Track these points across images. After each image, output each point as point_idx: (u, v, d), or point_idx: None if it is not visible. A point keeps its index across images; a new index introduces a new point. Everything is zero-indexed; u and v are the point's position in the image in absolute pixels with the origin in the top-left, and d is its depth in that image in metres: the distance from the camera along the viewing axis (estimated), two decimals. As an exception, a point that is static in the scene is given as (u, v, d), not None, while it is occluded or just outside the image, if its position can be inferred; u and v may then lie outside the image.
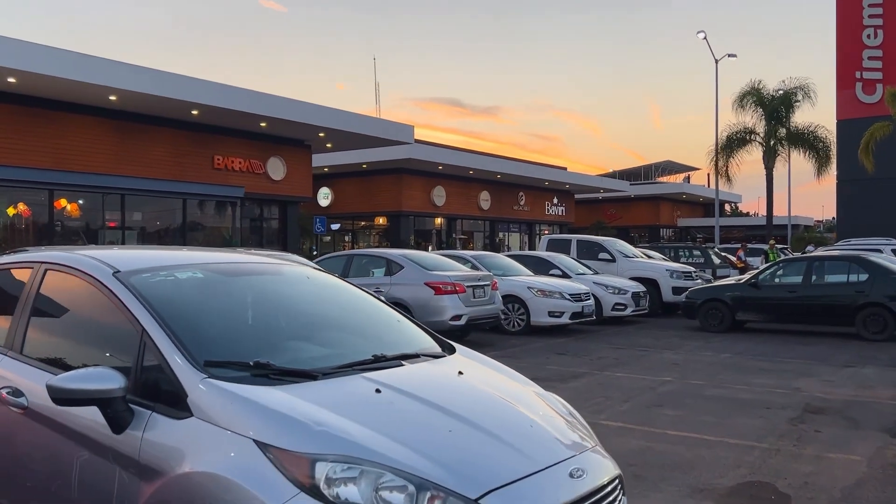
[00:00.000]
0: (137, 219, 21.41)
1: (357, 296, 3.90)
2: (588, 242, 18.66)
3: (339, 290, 3.89)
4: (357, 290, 3.97)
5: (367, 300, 3.90)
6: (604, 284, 15.40)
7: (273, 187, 24.72)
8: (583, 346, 12.05)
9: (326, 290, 3.86)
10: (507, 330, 13.48)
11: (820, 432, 6.37)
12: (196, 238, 21.97)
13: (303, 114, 22.24)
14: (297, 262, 4.06)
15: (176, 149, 21.25)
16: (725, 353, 11.16)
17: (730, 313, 14.01)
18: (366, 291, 4.01)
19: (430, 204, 36.57)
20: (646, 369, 9.68)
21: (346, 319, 3.72)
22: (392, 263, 11.79)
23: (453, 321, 11.15)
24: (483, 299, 11.78)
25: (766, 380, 8.93)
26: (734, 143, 31.01)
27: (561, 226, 46.43)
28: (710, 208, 58.09)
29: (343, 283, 3.99)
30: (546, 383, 8.75)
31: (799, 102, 30.30)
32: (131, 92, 17.96)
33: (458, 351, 3.63)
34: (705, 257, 22.00)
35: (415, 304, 11.24)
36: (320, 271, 4.04)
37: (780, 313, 13.73)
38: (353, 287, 3.99)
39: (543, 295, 13.33)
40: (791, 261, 14.68)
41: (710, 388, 8.34)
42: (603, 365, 10.05)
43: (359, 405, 2.63)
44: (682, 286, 16.83)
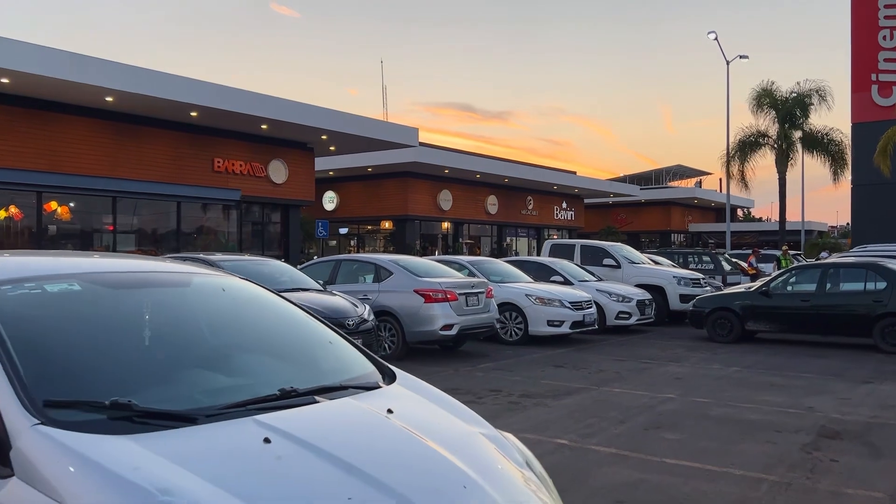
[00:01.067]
0: (132, 222, 20.95)
1: (284, 312, 3.30)
2: (592, 248, 17.99)
3: (262, 306, 3.29)
4: (286, 304, 3.37)
5: (295, 317, 3.29)
6: (607, 292, 14.74)
7: (275, 191, 24.25)
8: (582, 357, 11.40)
9: (246, 306, 3.26)
10: (504, 340, 12.84)
11: (836, 462, 5.70)
12: (191, 242, 21.47)
13: (304, 116, 21.76)
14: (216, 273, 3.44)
15: (175, 151, 20.84)
16: (733, 367, 10.48)
17: (739, 323, 13.32)
18: (300, 307, 3.40)
19: (437, 208, 36.09)
20: (647, 385, 9.02)
21: (264, 342, 3.12)
22: (380, 269, 11.19)
23: (444, 331, 10.54)
24: (477, 307, 11.15)
25: (776, 397, 8.25)
26: (747, 147, 30.23)
27: (570, 230, 45.81)
28: (722, 213, 57.18)
29: (271, 296, 3.39)
30: (537, 400, 8.15)
31: (814, 105, 29.46)
32: (128, 93, 17.59)
33: (399, 380, 3.01)
34: (715, 263, 21.27)
35: (403, 313, 10.64)
36: (247, 282, 3.43)
37: (793, 323, 13.02)
38: (282, 301, 3.38)
39: (542, 303, 12.69)
40: (804, 268, 13.96)
41: (716, 408, 7.68)
42: (601, 379, 9.40)
43: (234, 462, 2.03)
44: (690, 294, 16.14)
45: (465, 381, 9.12)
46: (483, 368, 10.13)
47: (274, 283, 9.70)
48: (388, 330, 10.80)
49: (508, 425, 6.72)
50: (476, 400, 7.95)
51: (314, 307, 8.84)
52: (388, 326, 10.77)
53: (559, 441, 6.19)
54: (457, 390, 8.50)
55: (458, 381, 9.10)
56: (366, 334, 9.16)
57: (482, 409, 7.47)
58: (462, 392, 8.38)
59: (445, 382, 9.01)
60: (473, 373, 9.78)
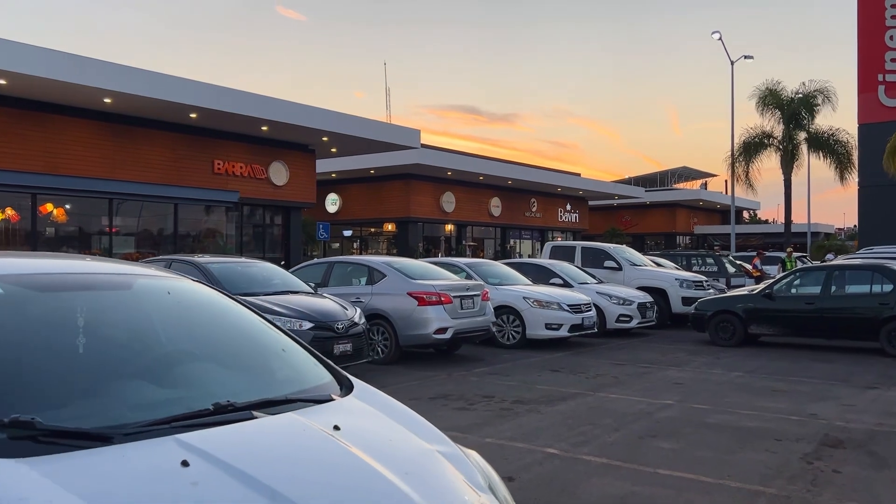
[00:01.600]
0: (130, 224, 20.79)
1: (236, 317, 3.06)
2: (593, 250, 17.72)
3: (212, 310, 3.05)
4: (240, 309, 3.12)
5: (248, 323, 3.05)
6: (607, 294, 14.47)
7: (275, 193, 24.08)
8: (580, 361, 11.14)
9: (193, 310, 3.02)
10: (501, 343, 12.59)
11: (839, 473, 5.43)
12: (188, 244, 21.29)
13: (305, 117, 21.57)
14: (165, 275, 3.19)
15: (174, 153, 20.69)
16: (735, 371, 10.20)
17: (742, 326, 13.03)
18: (254, 311, 3.17)
19: (440, 210, 35.92)
20: (645, 390, 8.75)
21: (209, 349, 2.87)
22: (373, 272, 10.95)
23: (438, 334, 10.29)
24: (472, 310, 10.90)
25: (778, 403, 7.98)
26: (752, 148, 29.92)
27: (574, 233, 45.57)
28: (728, 215, 56.66)
29: (223, 299, 3.15)
30: (530, 406, 7.89)
31: (819, 106, 29.13)
32: (126, 94, 17.44)
33: (356, 391, 2.76)
34: (719, 266, 20.95)
35: (396, 316, 10.39)
36: (198, 284, 3.20)
37: (797, 327, 12.73)
38: (236, 305, 3.14)
39: (540, 306, 12.43)
40: (808, 270, 13.67)
41: (715, 414, 7.41)
42: (598, 384, 9.14)
43: (141, 489, 1.79)
44: (693, 296, 15.85)
45: (458, 386, 8.87)
46: (477, 373, 9.88)
47: (263, 285, 9.50)
48: (381, 334, 10.56)
49: (498, 433, 6.48)
50: (467, 406, 7.70)
51: (302, 310, 8.63)
52: (382, 330, 10.53)
53: (549, 450, 5.94)
54: (448, 396, 8.26)
55: (450, 386, 8.86)
56: (356, 338, 8.93)
57: (473, 416, 7.24)
58: (453, 398, 8.14)
59: (437, 388, 8.78)
60: (467, 377, 9.54)
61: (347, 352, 8.80)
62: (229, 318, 3.04)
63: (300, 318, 8.52)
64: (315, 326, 8.54)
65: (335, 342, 8.65)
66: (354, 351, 8.90)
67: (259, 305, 8.62)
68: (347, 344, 8.79)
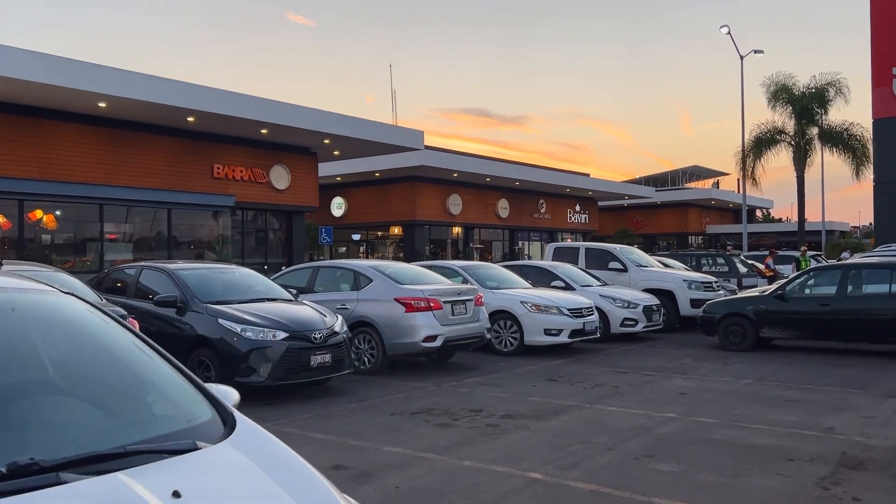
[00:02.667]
0: (126, 230, 20.34)
1: (101, 339, 2.47)
2: (597, 251, 17.04)
3: (71, 330, 2.46)
4: (111, 328, 2.52)
5: (117, 347, 2.46)
6: (611, 297, 13.81)
7: (277, 197, 23.62)
8: (580, 369, 10.49)
9: (43, 331, 2.43)
10: (498, 350, 11.96)
11: (859, 501, 4.78)
12: (184, 250, 20.80)
13: (305, 119, 21.09)
14: (23, 286, 2.59)
15: (173, 158, 20.29)
16: (745, 379, 9.53)
17: (753, 329, 12.34)
18: (131, 332, 2.57)
19: (446, 213, 35.41)
20: (646, 402, 8.10)
21: (53, 382, 2.28)
22: (360, 276, 10.35)
23: (427, 343, 9.67)
24: (464, 316, 10.28)
25: (791, 416, 7.32)
26: (763, 145, 29.12)
27: (584, 234, 44.92)
28: (741, 214, 55.79)
29: (89, 317, 2.55)
30: (519, 422, 7.25)
31: (831, 100, 28.30)
32: (121, 98, 17.03)
33: (235, 434, 2.15)
34: (730, 266, 20.21)
35: (383, 324, 9.79)
36: (67, 297, 2.60)
37: (811, 329, 12.02)
38: (106, 324, 2.54)
39: (538, 310, 11.79)
40: (823, 269, 12.95)
41: (721, 429, 6.76)
42: (597, 395, 8.50)
43: None
44: (702, 298, 15.16)
45: (445, 399, 8.26)
46: (468, 383, 9.26)
47: (239, 293, 8.93)
48: (367, 342, 9.96)
49: (479, 454, 5.87)
50: (451, 422, 7.09)
51: (277, 319, 8.07)
52: (368, 338, 9.94)
53: (533, 475, 5.32)
54: (432, 410, 7.65)
55: (436, 399, 8.25)
56: (335, 349, 8.33)
57: (454, 434, 6.62)
58: (437, 412, 7.52)
59: (423, 401, 8.17)
60: (457, 388, 8.92)
61: (326, 363, 8.21)
62: (93, 340, 2.45)
63: (274, 328, 7.94)
64: (290, 336, 7.95)
65: (312, 353, 8.06)
66: (334, 362, 8.31)
67: (230, 314, 8.06)
68: (326, 355, 8.19)
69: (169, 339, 8.40)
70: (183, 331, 8.24)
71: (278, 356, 7.82)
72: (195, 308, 8.25)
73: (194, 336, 8.11)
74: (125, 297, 9.09)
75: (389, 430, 6.78)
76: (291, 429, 6.81)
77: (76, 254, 18.77)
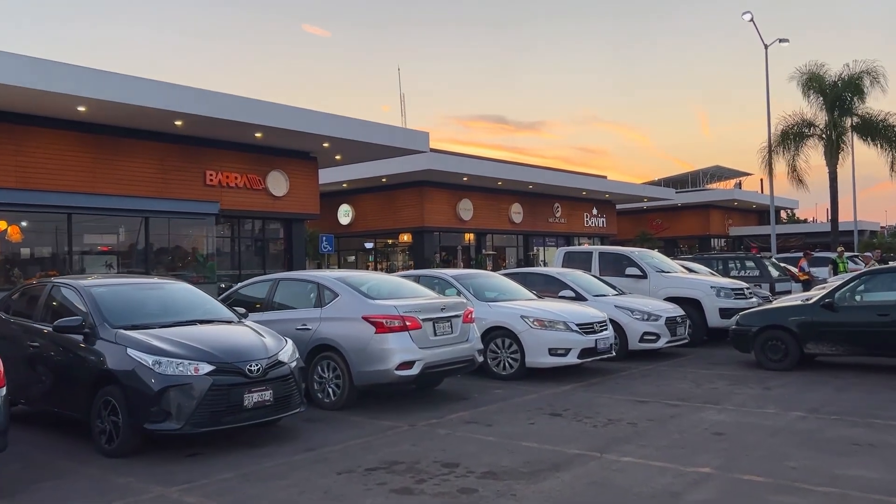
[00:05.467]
0: (103, 242, 18.89)
1: None
2: (613, 255, 15.21)
3: None
4: None
5: None
6: (629, 308, 12.01)
7: (275, 204, 22.09)
8: (591, 398, 8.70)
9: None
10: (496, 373, 10.21)
11: None
12: (163, 261, 19.26)
13: (301, 122, 19.58)
14: None
15: (162, 164, 18.85)
16: (795, 411, 7.70)
17: (796, 344, 10.49)
18: None
19: (457, 218, 33.82)
20: (673, 446, 6.32)
21: None
22: (324, 290, 8.64)
23: (401, 370, 7.93)
24: (449, 336, 8.53)
25: (869, 469, 5.51)
26: (790, 138, 27.11)
27: (602, 238, 43.10)
28: (765, 216, 53.70)
29: None
30: (505, 483, 5.18)
31: (866, 88, 26.28)
32: (101, 101, 15.61)
33: None
34: (761, 269, 18.27)
35: (349, 348, 8.07)
36: None
37: (868, 344, 10.14)
38: None
39: (542, 326, 10.03)
40: (878, 273, 11.06)
41: (774, 495, 4.97)
42: (609, 437, 6.72)
43: None
44: (733, 307, 13.31)
45: (416, 446, 6.53)
46: (451, 421, 7.52)
47: (163, 314, 7.27)
48: (332, 370, 8.25)
49: (434, 547, 4.13)
50: (413, 486, 5.36)
51: (202, 348, 6.40)
52: (333, 365, 8.22)
53: (506, 589, 3.58)
54: (395, 465, 5.92)
55: (405, 446, 6.52)
56: (279, 383, 6.64)
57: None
58: (400, 469, 5.79)
59: (387, 449, 6.45)
60: (435, 429, 7.18)
61: (266, 402, 6.51)
62: None
63: (196, 359, 6.27)
64: (216, 370, 6.28)
65: (246, 390, 6.37)
66: (277, 400, 6.61)
67: (142, 342, 6.39)
68: (265, 392, 6.50)
69: (72, 374, 6.77)
70: (88, 364, 6.58)
71: (200, 395, 6.15)
72: (104, 335, 6.59)
73: (101, 370, 6.45)
74: (31, 321, 7.48)
75: (329, 501, 5.07)
76: (196, 498, 5.12)
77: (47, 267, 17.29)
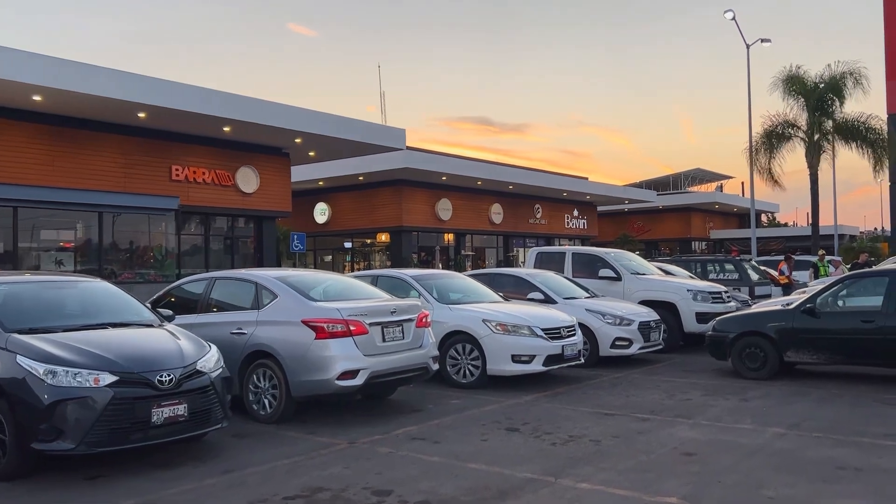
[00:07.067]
0: (66, 238, 17.98)
1: None
2: (586, 256, 14.52)
3: None
4: None
5: None
6: (600, 312, 11.34)
7: (245, 201, 21.30)
8: (553, 411, 7.99)
9: None
10: (456, 381, 9.49)
11: None
12: (118, 258, 18.38)
13: (272, 116, 18.83)
14: None
15: (125, 157, 18.05)
16: (774, 427, 7.02)
17: (775, 352, 9.85)
18: None
19: (436, 218, 33.17)
20: (637, 470, 5.62)
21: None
22: (261, 290, 7.86)
23: (343, 380, 7.17)
24: (400, 342, 7.79)
25: (852, 499, 4.84)
26: (773, 139, 26.61)
27: (583, 240, 42.59)
28: (746, 219, 53.46)
29: None
30: None
31: (848, 89, 25.83)
32: (58, 91, 14.83)
33: None
34: (740, 273, 17.71)
35: (287, 355, 7.30)
36: None
37: (851, 352, 9.50)
38: None
39: (504, 331, 9.31)
40: (861, 277, 10.45)
41: (750, 532, 4.28)
42: (568, 458, 6.01)
43: None
44: (710, 311, 12.70)
45: (349, 468, 5.78)
46: (396, 438, 6.78)
47: (68, 316, 6.47)
48: (268, 379, 7.48)
49: None
50: (333, 517, 4.62)
51: (104, 355, 5.62)
52: (270, 374, 7.46)
53: None
54: (318, 492, 5.17)
55: (336, 468, 5.77)
56: (196, 396, 5.87)
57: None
58: (322, 500, 5.04)
59: (315, 471, 5.69)
60: (375, 447, 6.44)
61: (179, 417, 5.74)
62: None
63: (97, 369, 5.49)
64: (120, 381, 5.50)
65: (155, 404, 5.60)
66: (193, 415, 5.83)
67: (35, 349, 5.59)
68: (179, 405, 5.72)
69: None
70: (-25, 373, 5.78)
71: (98, 411, 5.37)
72: (-6, 340, 5.78)
73: (-11, 380, 5.65)
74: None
75: (229, 537, 4.32)
76: (73, 536, 4.36)
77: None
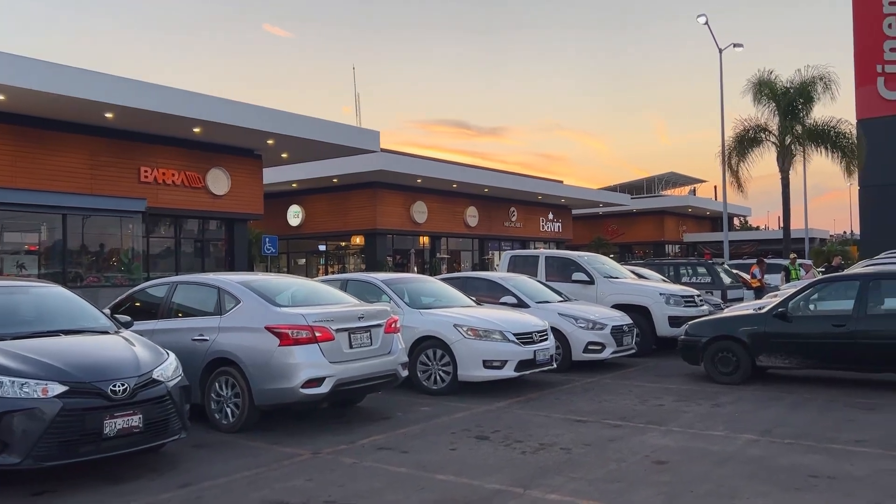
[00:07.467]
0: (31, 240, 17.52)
1: None
2: (559, 260, 14.43)
3: None
4: None
5: None
6: (573, 316, 11.22)
7: (215, 203, 20.93)
8: (525, 418, 7.84)
9: None
10: (426, 387, 9.31)
11: None
12: (84, 262, 17.94)
13: (243, 117, 18.52)
14: None
15: (92, 158, 17.65)
16: (746, 433, 6.93)
17: (748, 356, 9.80)
18: None
19: (411, 221, 32.99)
20: (607, 480, 5.48)
21: None
22: (224, 295, 7.62)
23: (308, 388, 6.95)
24: (368, 349, 7.59)
25: (826, 509, 4.74)
26: (745, 143, 26.79)
27: (558, 243, 42.68)
28: (718, 222, 53.94)
29: None
30: None
31: (818, 94, 26.08)
32: (20, 90, 14.39)
33: None
34: (712, 276, 17.74)
35: (249, 362, 7.07)
36: None
37: (822, 356, 9.48)
38: None
39: (476, 336, 9.14)
40: (832, 280, 10.45)
41: (723, 545, 4.15)
42: (537, 468, 5.86)
43: None
44: (683, 315, 12.66)
45: (311, 481, 5.58)
46: (362, 448, 6.58)
47: (24, 322, 6.20)
48: (231, 387, 7.24)
49: None
50: (291, 534, 4.42)
51: (54, 364, 5.37)
52: (232, 382, 7.22)
53: None
54: (277, 506, 4.96)
55: (298, 481, 5.57)
56: (152, 406, 5.62)
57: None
58: (282, 511, 4.84)
59: (276, 484, 5.48)
60: (340, 458, 6.23)
61: (134, 429, 5.49)
62: None
63: (45, 379, 5.23)
64: (70, 391, 5.25)
65: (108, 415, 5.35)
66: (148, 426, 5.59)
67: (-21, 358, 5.32)
68: (133, 416, 5.48)
69: None
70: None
71: (47, 422, 5.11)
72: (-62, 349, 5.50)
73: (-69, 392, 5.36)
74: None
75: (180, 556, 4.11)
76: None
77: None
